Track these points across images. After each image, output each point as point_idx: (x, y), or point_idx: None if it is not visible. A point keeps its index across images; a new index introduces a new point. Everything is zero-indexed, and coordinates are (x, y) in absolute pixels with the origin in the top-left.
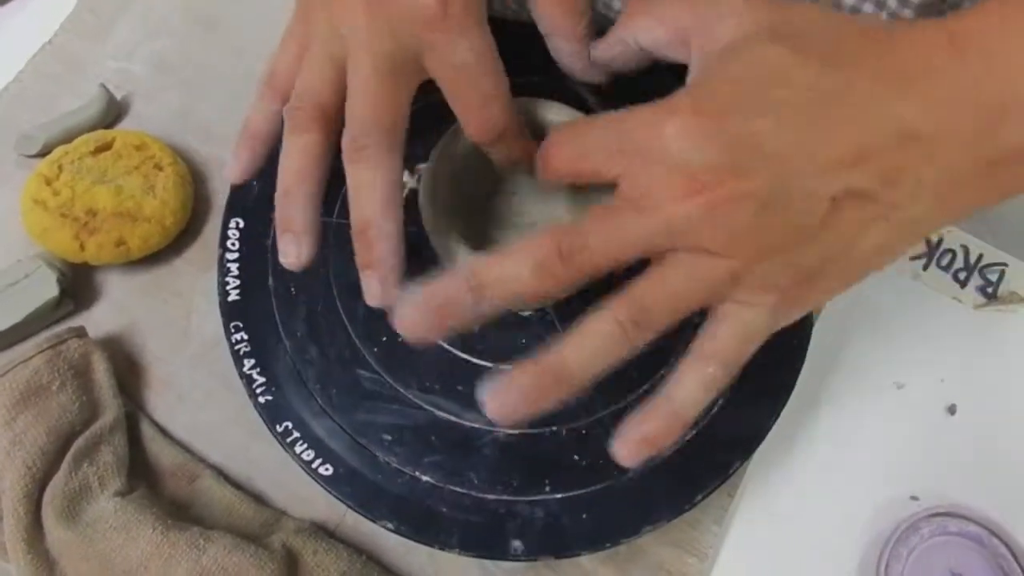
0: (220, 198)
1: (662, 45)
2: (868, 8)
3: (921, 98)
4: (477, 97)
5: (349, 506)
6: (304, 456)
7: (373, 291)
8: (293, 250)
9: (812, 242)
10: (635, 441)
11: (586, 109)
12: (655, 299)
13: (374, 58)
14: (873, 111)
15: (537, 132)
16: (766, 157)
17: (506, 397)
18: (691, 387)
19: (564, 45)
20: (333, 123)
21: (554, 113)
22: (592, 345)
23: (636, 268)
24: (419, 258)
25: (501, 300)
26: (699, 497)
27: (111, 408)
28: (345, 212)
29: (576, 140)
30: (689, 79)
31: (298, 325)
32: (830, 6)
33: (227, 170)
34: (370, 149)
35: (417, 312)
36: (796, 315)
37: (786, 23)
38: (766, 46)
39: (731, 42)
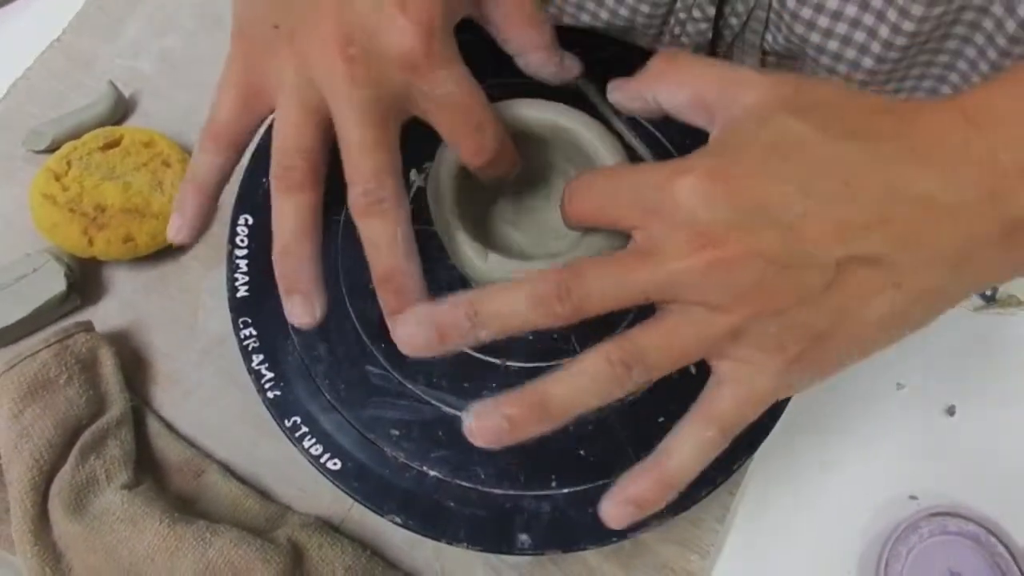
0: (228, 195)
1: (682, 108)
2: (842, 69)
3: (938, 167)
4: (470, 127)
5: (357, 500)
6: (312, 451)
7: (410, 336)
8: (304, 310)
9: (817, 304)
10: (623, 503)
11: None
12: (651, 344)
13: (363, 110)
14: (890, 179)
15: (518, 131)
16: (777, 220)
17: (487, 422)
18: (687, 451)
19: (535, 57)
20: (322, 176)
21: (534, 109)
22: (579, 382)
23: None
24: (426, 253)
25: (497, 332)
26: (703, 493)
27: (118, 402)
28: None
29: (597, 192)
30: (710, 140)
31: None
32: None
33: (171, 228)
34: (387, 202)
35: (417, 329)
36: (805, 383)
37: (808, 99)
38: (788, 118)
39: (753, 111)
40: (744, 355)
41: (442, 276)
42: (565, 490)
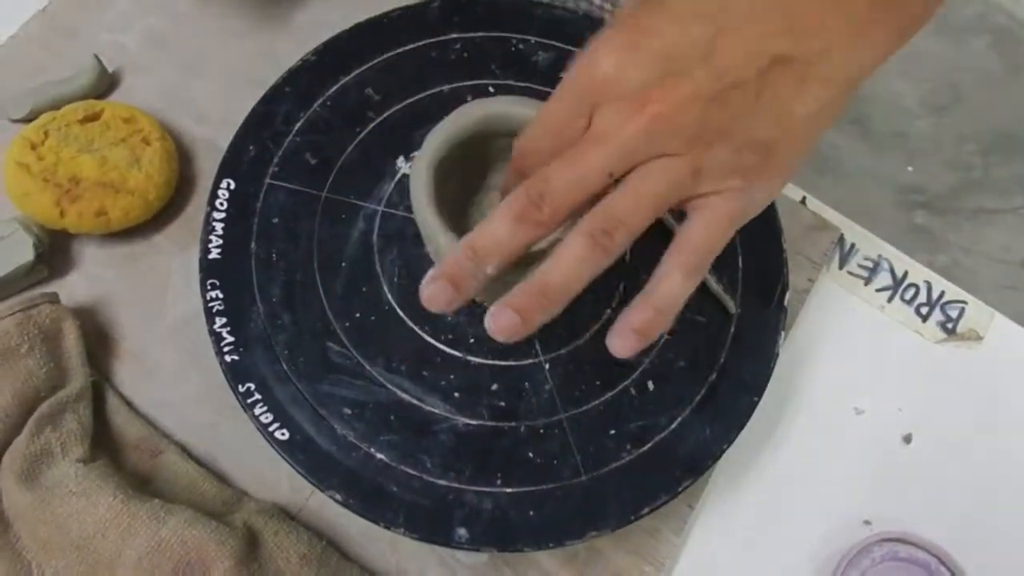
0: (205, 178)
1: None
2: None
3: None
4: None
5: (300, 473)
6: (262, 418)
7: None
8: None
9: (755, 117)
10: (626, 332)
11: None
12: (622, 206)
13: None
14: None
15: (506, 126)
16: (696, 57)
17: (502, 320)
18: (672, 279)
19: None
20: None
21: (521, 106)
22: (569, 264)
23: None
24: (406, 240)
25: (499, 260)
26: (645, 510)
27: (78, 376)
28: (337, 188)
29: (543, 116)
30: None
31: (274, 291)
32: None
33: None
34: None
35: (435, 288)
36: (767, 195)
37: None
38: None
39: None
40: (709, 188)
41: (416, 264)
42: (508, 489)
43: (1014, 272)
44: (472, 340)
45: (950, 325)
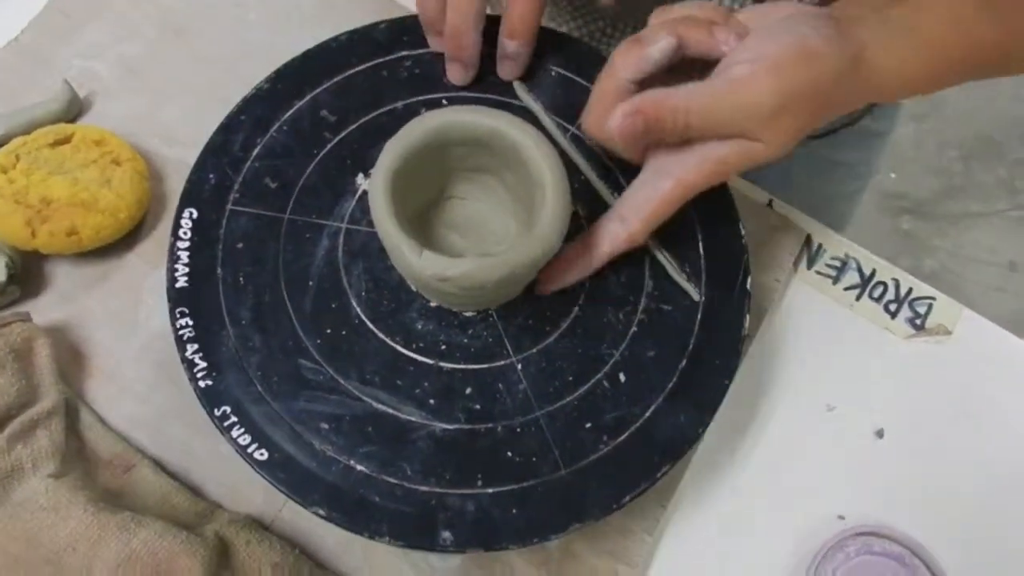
0: (176, 197)
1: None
2: None
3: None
4: None
5: (282, 491)
6: (240, 440)
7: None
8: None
9: None
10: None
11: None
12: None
13: None
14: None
15: (462, 136)
16: None
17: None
18: None
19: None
20: None
21: (478, 115)
22: None
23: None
24: (370, 252)
25: None
26: (627, 498)
27: (50, 394)
28: (299, 209)
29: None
30: None
31: (243, 313)
32: None
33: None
34: None
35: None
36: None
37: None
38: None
39: None
40: None
41: (382, 277)
42: (490, 490)
43: (1002, 274)
44: (444, 347)
45: (918, 321)
